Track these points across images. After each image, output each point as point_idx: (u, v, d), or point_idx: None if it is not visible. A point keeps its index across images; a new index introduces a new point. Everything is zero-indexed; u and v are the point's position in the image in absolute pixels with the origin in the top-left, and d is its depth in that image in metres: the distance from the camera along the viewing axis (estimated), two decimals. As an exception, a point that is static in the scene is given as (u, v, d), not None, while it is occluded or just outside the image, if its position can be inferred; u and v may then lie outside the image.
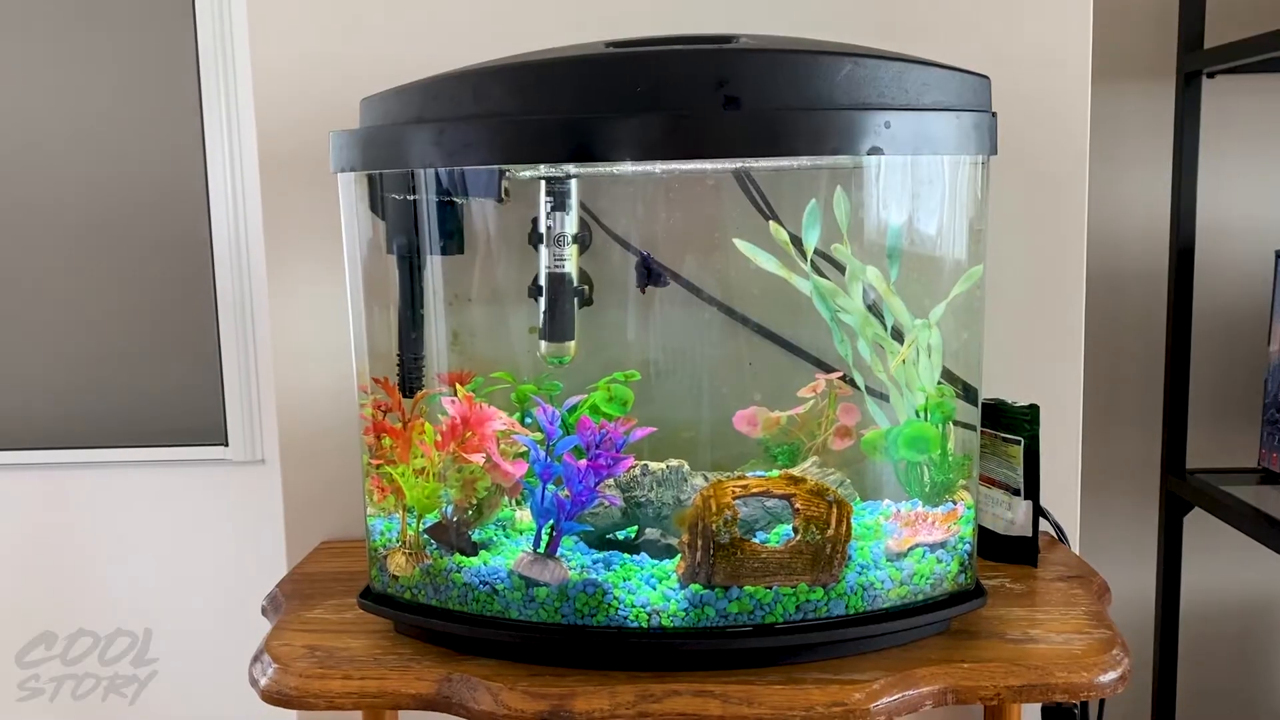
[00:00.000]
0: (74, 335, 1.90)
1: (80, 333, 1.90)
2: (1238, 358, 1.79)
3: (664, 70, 0.90)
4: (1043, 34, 1.24)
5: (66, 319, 1.90)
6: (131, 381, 1.90)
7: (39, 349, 1.90)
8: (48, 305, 1.90)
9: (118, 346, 1.90)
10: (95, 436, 1.91)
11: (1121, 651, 0.96)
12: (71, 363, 1.91)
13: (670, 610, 0.94)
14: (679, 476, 1.03)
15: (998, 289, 1.24)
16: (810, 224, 1.07)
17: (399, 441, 1.01)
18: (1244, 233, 1.77)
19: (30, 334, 1.90)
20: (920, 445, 1.03)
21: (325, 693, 0.95)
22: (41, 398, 1.91)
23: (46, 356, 1.91)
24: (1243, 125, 1.75)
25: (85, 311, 1.90)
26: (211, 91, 1.82)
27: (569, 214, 1.13)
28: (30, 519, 1.94)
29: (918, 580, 0.98)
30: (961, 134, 0.94)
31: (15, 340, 1.91)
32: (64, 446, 1.91)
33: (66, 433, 1.91)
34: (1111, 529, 1.85)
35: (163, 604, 1.94)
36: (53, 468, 1.92)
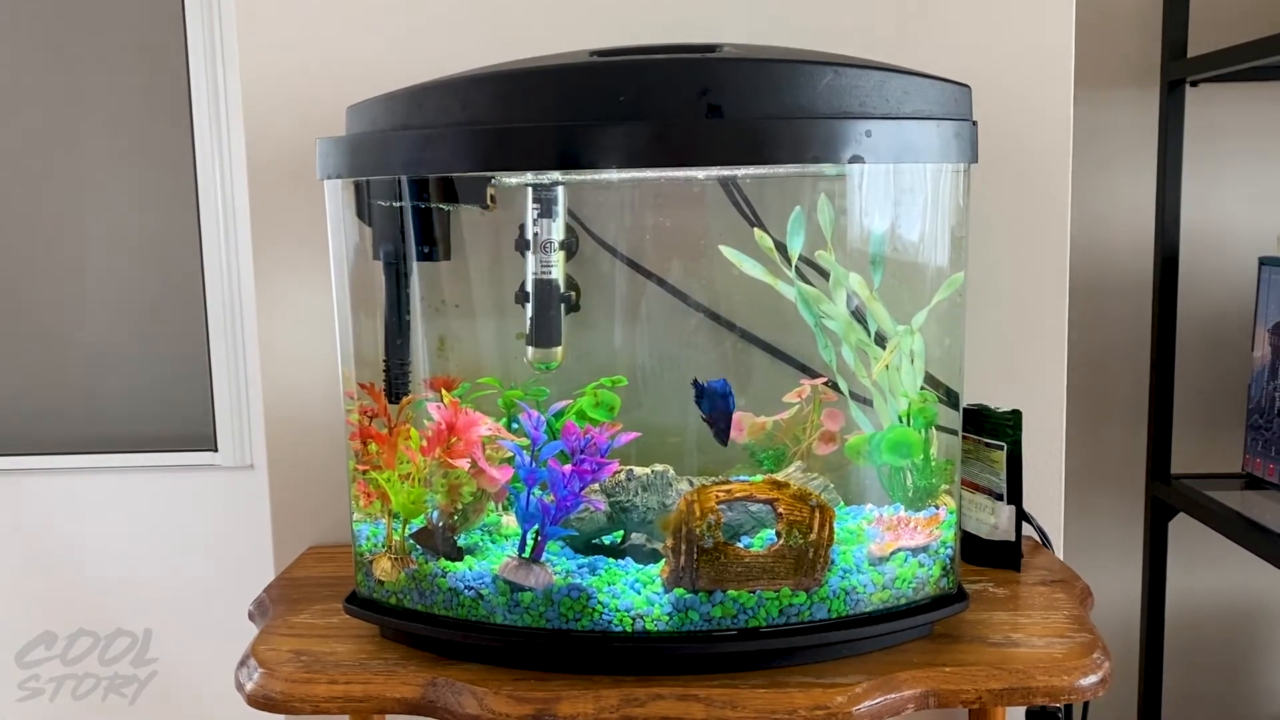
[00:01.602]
0: (65, 341, 1.90)
1: (71, 339, 1.90)
2: (1222, 364, 1.80)
3: (648, 79, 0.91)
4: (1026, 41, 1.25)
5: (58, 325, 1.90)
6: (122, 387, 1.91)
7: (31, 355, 1.91)
8: (39, 311, 1.90)
9: (108, 352, 1.90)
10: (84, 442, 1.91)
11: (1102, 655, 0.97)
12: (62, 368, 1.91)
13: (654, 614, 0.94)
14: (664, 481, 1.04)
15: (983, 295, 1.25)
16: (795, 231, 1.07)
17: (385, 447, 1.02)
18: (1228, 240, 1.79)
19: (22, 340, 1.91)
20: (903, 450, 1.04)
21: (311, 697, 0.95)
22: (33, 403, 1.91)
23: (38, 362, 1.91)
24: (1226, 133, 1.77)
25: (76, 318, 1.90)
26: (201, 98, 1.83)
27: (556, 221, 1.14)
28: (26, 522, 1.94)
29: (900, 584, 0.98)
30: (942, 142, 0.95)
31: (7, 346, 1.91)
32: (54, 452, 1.92)
33: (56, 438, 1.92)
34: (1097, 534, 1.86)
35: (162, 605, 1.94)
36: (43, 473, 1.92)
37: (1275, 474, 1.59)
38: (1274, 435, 1.59)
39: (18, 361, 1.91)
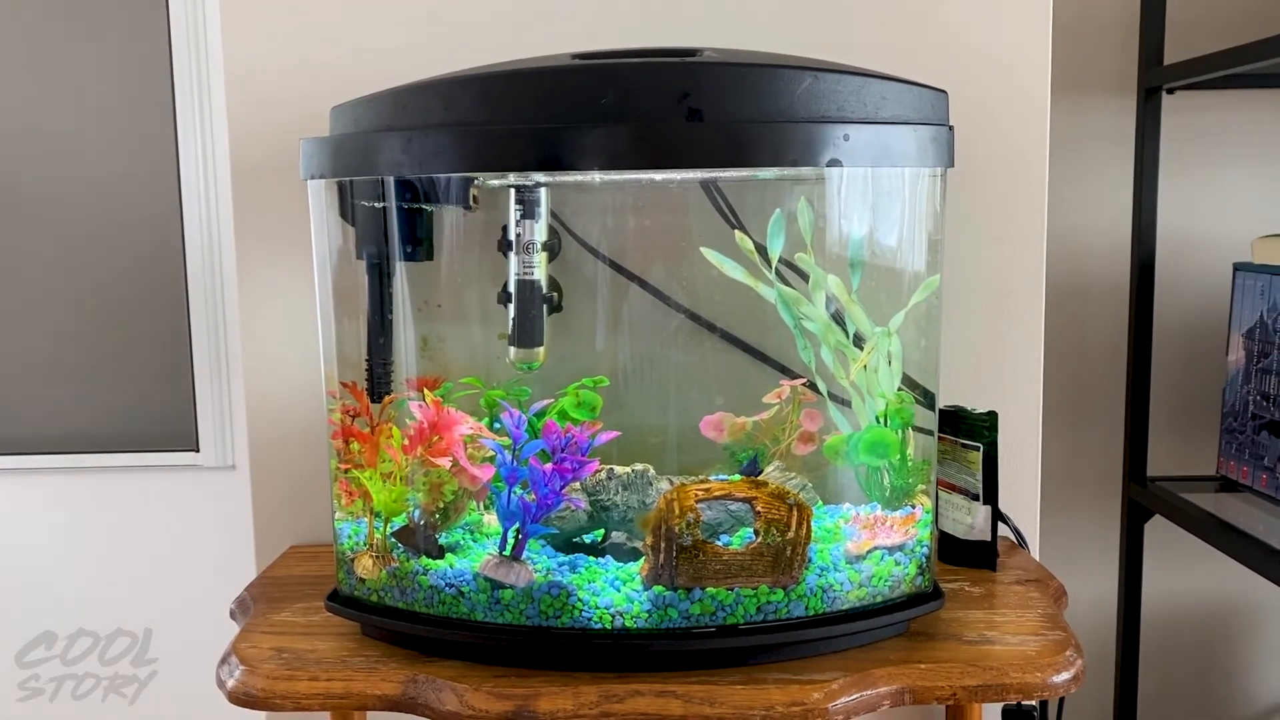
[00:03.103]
0: (49, 342, 1.90)
1: (55, 340, 1.90)
2: (1197, 368, 1.82)
3: (629, 82, 0.92)
4: (1003, 48, 1.27)
5: (42, 326, 1.90)
6: (104, 388, 1.91)
7: (15, 355, 1.90)
8: (23, 312, 1.90)
9: (92, 353, 1.90)
10: (67, 442, 1.91)
11: (1075, 653, 0.98)
12: (45, 369, 1.90)
13: (634, 612, 0.95)
14: (644, 480, 1.05)
15: (961, 298, 1.26)
16: (775, 233, 1.08)
17: (367, 446, 1.02)
18: (1204, 246, 1.81)
19: (6, 341, 1.90)
20: (880, 450, 1.05)
21: (291, 694, 0.96)
22: (12, 404, 1.91)
23: (21, 363, 1.90)
24: (1202, 140, 1.79)
25: (60, 319, 1.90)
26: (185, 100, 1.83)
27: (538, 222, 1.15)
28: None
29: (876, 582, 1.00)
30: (919, 147, 0.96)
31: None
32: (36, 452, 1.91)
33: (39, 438, 1.91)
34: (1075, 535, 1.88)
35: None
36: (26, 473, 1.92)
37: (1249, 477, 1.61)
38: (1248, 439, 1.61)
39: (2, 361, 1.91)
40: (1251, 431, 1.60)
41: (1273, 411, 1.55)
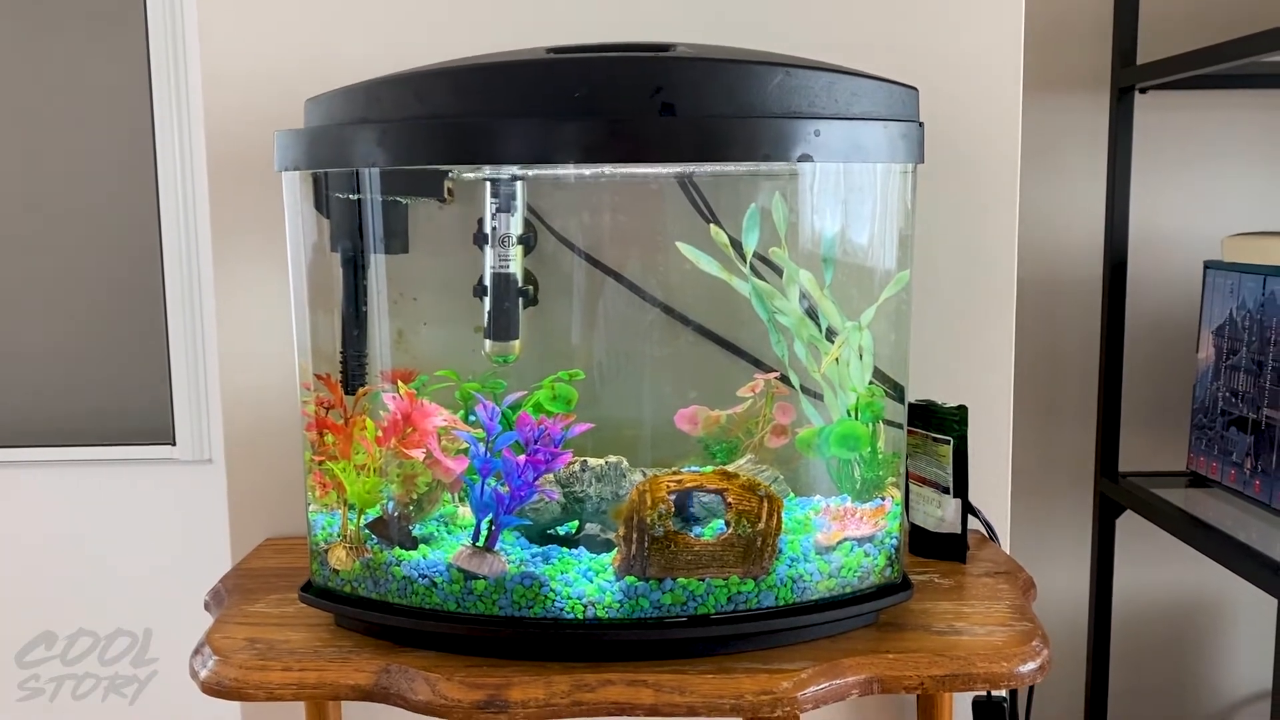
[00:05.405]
0: (24, 334, 1.89)
1: (29, 332, 1.89)
2: (1169, 365, 1.85)
3: (602, 76, 0.93)
4: (975, 45, 1.28)
5: (16, 318, 1.89)
6: (80, 382, 1.90)
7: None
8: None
9: (67, 346, 1.90)
10: (41, 436, 1.90)
11: (1041, 643, 0.99)
12: (20, 361, 1.90)
13: (606, 602, 0.96)
14: (618, 472, 1.06)
15: (933, 294, 1.28)
16: (749, 228, 1.09)
17: (340, 437, 1.03)
18: (1175, 244, 1.83)
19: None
20: (850, 443, 1.06)
21: (265, 684, 0.96)
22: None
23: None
24: (1174, 139, 1.81)
25: (34, 311, 1.89)
26: (162, 92, 1.83)
27: (514, 215, 1.16)
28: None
29: (846, 573, 1.01)
30: (890, 143, 0.98)
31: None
32: (10, 445, 1.90)
33: (14, 432, 1.90)
34: (1047, 530, 1.90)
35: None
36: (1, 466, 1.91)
37: (1218, 472, 1.63)
38: (1217, 435, 1.63)
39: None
40: (1221, 428, 1.62)
41: (1242, 408, 1.57)
